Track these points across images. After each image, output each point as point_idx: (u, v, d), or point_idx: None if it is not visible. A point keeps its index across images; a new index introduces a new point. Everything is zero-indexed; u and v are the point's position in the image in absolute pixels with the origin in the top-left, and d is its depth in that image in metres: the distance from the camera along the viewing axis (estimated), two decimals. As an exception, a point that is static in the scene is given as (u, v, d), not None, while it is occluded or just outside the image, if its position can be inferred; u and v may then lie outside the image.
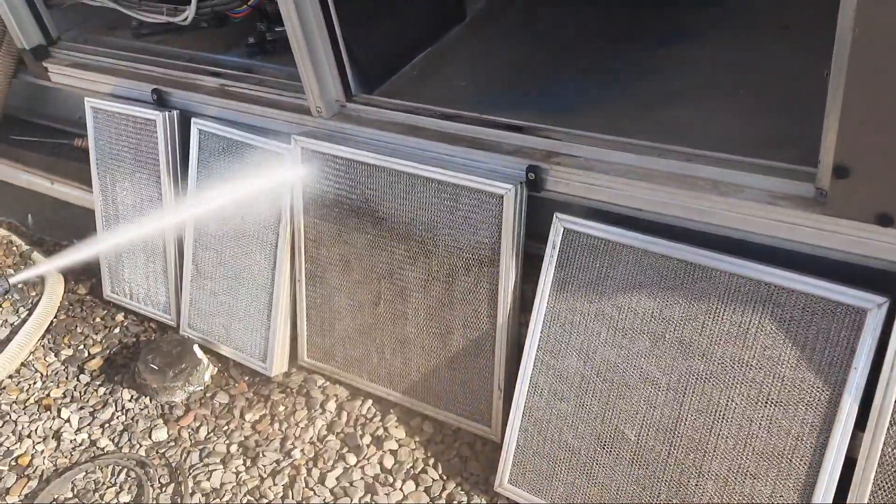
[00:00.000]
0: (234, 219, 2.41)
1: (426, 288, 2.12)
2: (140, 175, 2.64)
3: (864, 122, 1.38)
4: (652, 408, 1.76)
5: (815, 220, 1.56)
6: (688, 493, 1.72)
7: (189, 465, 2.22)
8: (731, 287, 1.65)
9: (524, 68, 2.40)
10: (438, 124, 2.09)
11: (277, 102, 2.34)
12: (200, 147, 2.47)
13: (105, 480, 2.21)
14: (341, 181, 2.18)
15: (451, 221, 2.02)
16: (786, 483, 1.61)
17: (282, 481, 2.15)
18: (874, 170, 1.42)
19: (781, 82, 2.04)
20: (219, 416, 2.38)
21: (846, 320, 1.53)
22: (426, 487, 2.08)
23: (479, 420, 2.15)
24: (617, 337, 1.80)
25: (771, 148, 1.73)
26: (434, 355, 2.17)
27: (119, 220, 2.76)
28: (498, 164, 1.96)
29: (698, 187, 1.71)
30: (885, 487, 1.52)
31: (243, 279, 2.45)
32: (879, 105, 1.35)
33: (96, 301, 2.92)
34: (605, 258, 1.81)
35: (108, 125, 2.69)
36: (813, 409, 1.57)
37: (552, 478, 1.91)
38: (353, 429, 2.27)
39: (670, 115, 2.00)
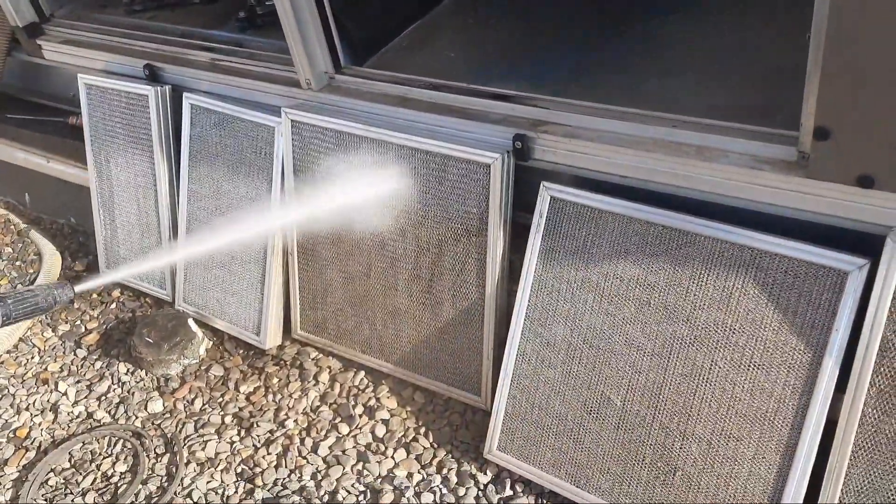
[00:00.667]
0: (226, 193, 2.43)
1: (416, 259, 2.14)
2: (133, 151, 2.65)
3: (842, 84, 1.38)
4: (637, 373, 1.78)
5: (797, 184, 1.57)
6: (672, 456, 1.74)
7: (184, 436, 2.25)
8: (714, 252, 1.66)
9: (513, 40, 2.40)
10: (427, 95, 2.09)
11: (268, 76, 2.35)
12: (193, 122, 2.48)
13: (101, 451, 2.24)
14: (331, 153, 2.19)
15: (440, 192, 2.03)
16: (768, 445, 1.63)
17: (275, 450, 2.17)
18: (853, 131, 1.43)
19: (768, 51, 2.04)
20: (213, 389, 2.41)
21: (828, 283, 1.54)
22: (417, 455, 2.11)
23: (470, 389, 2.17)
24: (603, 304, 1.82)
25: (756, 114, 1.73)
26: (425, 326, 2.19)
27: (114, 196, 2.77)
28: (486, 134, 1.97)
29: (683, 153, 1.72)
30: (866, 448, 1.54)
31: (236, 253, 2.47)
32: (857, 67, 1.35)
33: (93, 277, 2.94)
34: (591, 226, 1.82)
35: (101, 102, 2.70)
36: (795, 372, 1.59)
37: (540, 443, 1.93)
38: (346, 399, 2.30)
39: (658, 84, 2.01)
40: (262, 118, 2.30)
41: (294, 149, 2.25)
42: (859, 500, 1.56)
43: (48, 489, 2.14)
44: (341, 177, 2.17)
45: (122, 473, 2.17)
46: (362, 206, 2.16)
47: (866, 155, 1.44)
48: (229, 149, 2.41)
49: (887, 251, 1.47)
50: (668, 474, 1.76)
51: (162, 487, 2.11)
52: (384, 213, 2.14)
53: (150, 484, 2.12)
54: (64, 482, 2.15)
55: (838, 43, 1.34)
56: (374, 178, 2.12)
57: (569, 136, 1.86)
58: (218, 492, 2.08)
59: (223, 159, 2.43)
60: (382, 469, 2.08)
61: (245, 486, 2.09)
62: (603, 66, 2.16)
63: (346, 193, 2.16)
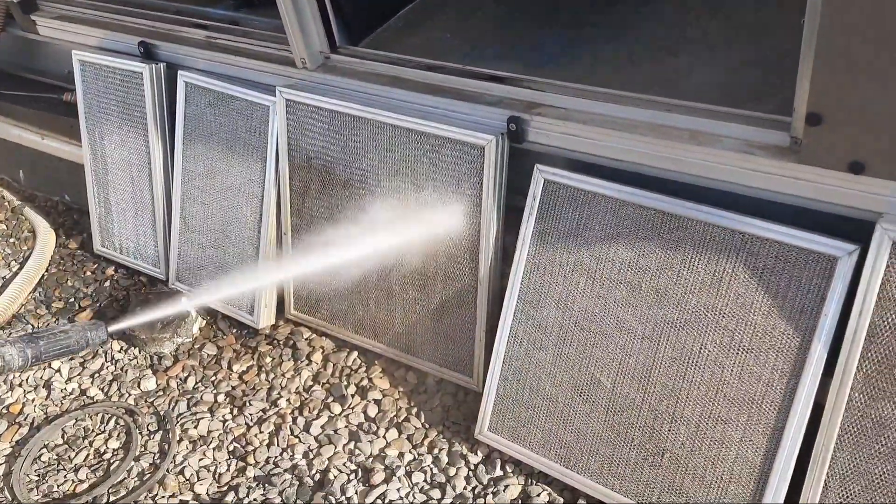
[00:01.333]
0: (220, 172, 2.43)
1: (409, 239, 2.14)
2: (128, 129, 2.65)
3: (835, 69, 1.38)
4: (627, 356, 1.79)
5: (789, 169, 1.57)
6: (661, 438, 1.76)
7: (177, 414, 2.26)
8: (705, 236, 1.66)
9: (509, 22, 2.39)
10: (422, 75, 2.09)
11: (263, 55, 2.34)
12: (187, 100, 2.48)
13: (94, 427, 2.25)
14: (326, 133, 2.19)
15: (434, 173, 2.03)
16: (756, 428, 1.64)
17: (268, 429, 2.19)
18: (846, 117, 1.43)
19: (764, 35, 2.03)
20: (206, 367, 2.42)
21: (817, 268, 1.55)
22: (408, 435, 2.12)
23: (462, 370, 2.18)
24: (595, 287, 1.82)
25: (750, 99, 1.73)
26: (418, 307, 2.20)
27: (108, 174, 2.77)
28: (480, 116, 1.97)
29: (676, 137, 1.72)
30: (852, 431, 1.55)
31: (230, 232, 2.47)
32: (851, 53, 1.35)
33: (87, 255, 2.95)
34: (584, 209, 1.82)
35: (95, 79, 2.69)
36: (783, 356, 1.60)
37: (530, 425, 1.95)
38: (339, 379, 2.31)
39: (653, 67, 2.01)
40: (256, 97, 2.30)
41: (289, 128, 2.24)
42: (844, 483, 1.57)
43: (41, 465, 2.15)
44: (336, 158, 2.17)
45: (115, 450, 2.18)
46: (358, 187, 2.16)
47: (858, 141, 1.45)
48: (224, 127, 2.40)
49: (876, 237, 1.48)
50: (656, 456, 1.77)
51: (154, 464, 2.12)
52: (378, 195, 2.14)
53: (143, 461, 2.13)
54: (57, 458, 2.17)
55: (832, 28, 1.34)
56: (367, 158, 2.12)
57: (563, 119, 1.86)
58: (210, 469, 2.10)
59: (218, 138, 2.42)
60: (374, 448, 2.10)
61: (237, 463, 2.10)
62: (598, 48, 2.16)
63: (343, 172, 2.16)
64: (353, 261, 2.25)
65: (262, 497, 2.00)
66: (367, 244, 2.21)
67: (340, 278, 2.30)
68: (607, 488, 1.84)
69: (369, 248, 2.21)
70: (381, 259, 2.19)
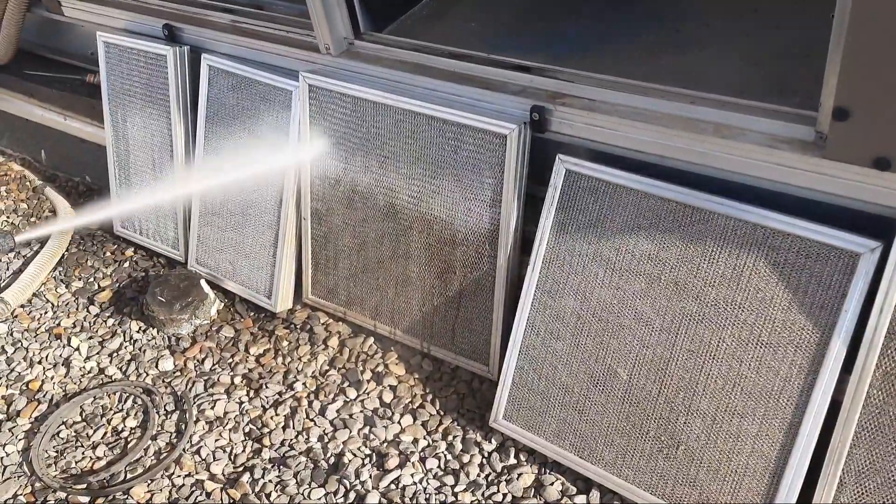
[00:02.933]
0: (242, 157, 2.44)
1: (429, 228, 2.15)
2: (150, 111, 2.66)
3: (865, 64, 1.38)
4: (645, 347, 1.79)
5: (814, 164, 1.57)
6: (676, 431, 1.76)
7: (194, 395, 2.29)
8: (727, 230, 1.66)
9: (534, 11, 2.39)
10: (446, 63, 2.09)
11: (287, 39, 2.35)
12: (210, 83, 2.49)
13: (112, 406, 2.28)
14: (348, 119, 2.19)
15: (456, 161, 2.04)
16: (772, 422, 1.64)
17: (283, 412, 2.21)
18: (873, 113, 1.42)
19: (789, 28, 2.02)
20: (224, 349, 2.43)
21: (839, 264, 1.55)
22: (423, 422, 2.14)
23: (478, 359, 2.19)
24: (614, 278, 1.83)
25: (775, 92, 1.73)
26: (435, 295, 2.20)
27: (129, 156, 2.79)
28: (503, 105, 1.97)
29: (701, 130, 1.72)
30: (869, 429, 1.55)
31: (250, 216, 2.49)
32: (881, 48, 1.35)
33: (106, 236, 2.97)
34: (605, 200, 1.82)
35: (119, 60, 2.71)
36: (802, 351, 1.60)
37: (545, 414, 1.96)
38: (355, 364, 2.33)
39: (677, 59, 2.00)
40: (279, 82, 2.31)
41: (311, 113, 2.25)
42: (860, 480, 1.57)
43: (59, 441, 2.18)
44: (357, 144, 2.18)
45: (133, 429, 2.20)
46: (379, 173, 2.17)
47: (884, 137, 1.44)
48: (246, 111, 2.41)
49: (901, 234, 1.47)
50: (671, 448, 1.78)
51: (171, 444, 2.14)
52: (398, 180, 2.15)
53: (160, 440, 2.16)
54: (75, 435, 2.19)
55: (862, 23, 1.34)
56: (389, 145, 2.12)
57: (586, 110, 1.86)
58: (226, 450, 2.12)
59: (240, 122, 2.44)
60: (389, 434, 2.11)
61: (253, 445, 2.12)
62: (623, 39, 2.15)
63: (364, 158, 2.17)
64: (370, 248, 2.26)
65: (277, 479, 2.01)
66: (386, 231, 2.22)
67: (359, 263, 2.32)
68: (621, 479, 1.85)
69: (388, 234, 2.22)
70: (400, 245, 2.20)
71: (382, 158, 2.17)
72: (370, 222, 2.26)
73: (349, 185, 2.26)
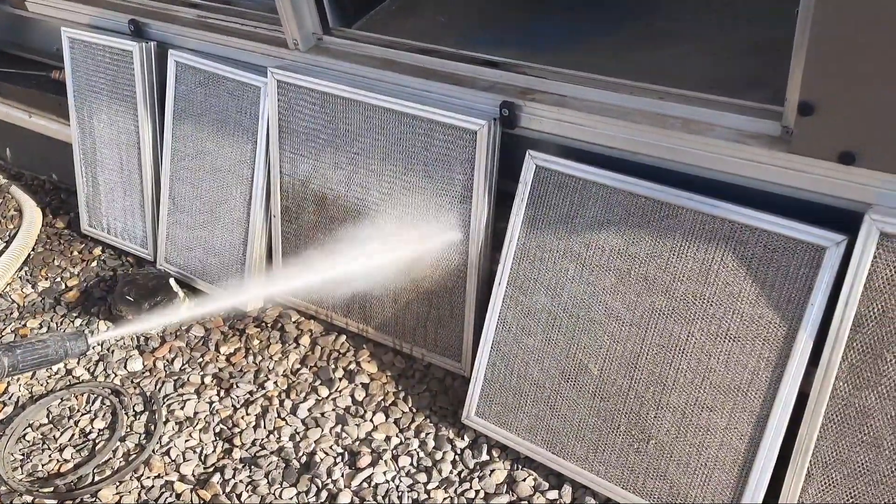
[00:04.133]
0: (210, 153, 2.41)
1: (400, 224, 2.13)
2: (117, 108, 2.62)
3: (829, 60, 1.39)
4: (615, 343, 1.80)
5: (780, 159, 1.58)
6: (647, 425, 1.77)
7: (163, 395, 2.26)
8: (695, 225, 1.67)
9: (505, 7, 2.38)
10: (415, 59, 2.08)
11: (255, 35, 2.32)
12: (178, 79, 2.45)
13: (80, 407, 2.24)
14: (317, 115, 2.17)
15: (426, 157, 2.03)
16: (741, 415, 1.66)
17: (254, 411, 2.18)
18: (837, 107, 1.43)
19: (760, 24, 2.04)
20: (194, 349, 2.41)
21: (805, 258, 1.56)
22: (396, 419, 2.12)
23: (450, 355, 2.19)
24: (584, 273, 1.83)
25: (743, 88, 1.74)
26: (407, 291, 2.19)
27: (96, 153, 2.74)
28: (473, 101, 1.97)
29: (669, 125, 1.72)
30: (835, 420, 1.57)
31: (219, 214, 2.46)
32: (844, 43, 1.36)
33: (74, 235, 2.92)
34: (575, 196, 1.82)
35: (85, 56, 2.66)
36: (770, 345, 1.61)
37: (517, 410, 1.96)
38: (326, 363, 2.31)
39: (648, 55, 2.01)
40: (248, 78, 2.28)
41: (280, 109, 2.23)
42: (827, 471, 1.59)
43: (25, 444, 2.14)
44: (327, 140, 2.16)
45: (101, 430, 2.17)
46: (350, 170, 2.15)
47: (849, 132, 1.45)
48: (214, 108, 2.38)
49: (864, 228, 1.48)
50: (641, 442, 1.78)
51: (140, 445, 2.12)
52: (368, 176, 2.13)
53: (128, 441, 2.12)
54: (41, 437, 2.15)
55: (825, 18, 1.35)
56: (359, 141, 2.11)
57: (556, 105, 1.86)
58: (196, 450, 2.09)
59: (208, 118, 2.40)
60: (361, 432, 2.10)
61: (223, 445, 2.10)
62: (594, 35, 2.16)
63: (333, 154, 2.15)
64: (342, 244, 2.24)
65: (248, 479, 1.99)
66: (357, 228, 2.20)
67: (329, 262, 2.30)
68: (593, 473, 1.85)
69: (359, 232, 2.20)
70: (371, 242, 2.19)
71: (352, 155, 2.15)
72: (341, 219, 2.24)
73: (319, 182, 2.24)
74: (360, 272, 2.24)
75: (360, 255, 2.22)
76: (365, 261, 2.22)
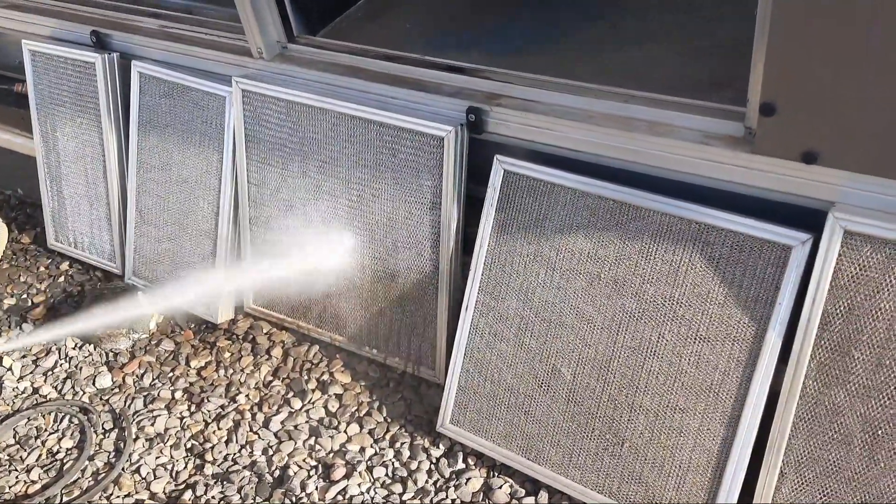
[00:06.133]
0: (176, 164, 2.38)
1: (370, 232, 2.12)
2: (81, 120, 2.58)
3: (788, 60, 1.40)
4: (587, 346, 1.79)
5: (744, 159, 1.59)
6: (620, 428, 1.76)
7: (133, 411, 2.22)
8: (662, 226, 1.67)
9: (471, 12, 2.38)
10: (381, 65, 2.07)
11: (219, 44, 2.30)
12: (141, 90, 2.42)
13: (47, 427, 2.20)
14: (283, 124, 2.15)
15: (394, 164, 2.01)
16: (713, 416, 1.66)
17: (226, 425, 2.15)
18: (798, 108, 1.44)
19: (724, 26, 2.05)
20: (164, 363, 2.37)
21: (772, 257, 1.56)
22: (370, 430, 2.10)
23: (424, 363, 2.17)
24: (554, 277, 1.82)
25: (707, 90, 1.74)
26: (379, 300, 2.17)
27: (61, 167, 2.70)
28: (440, 106, 1.96)
29: (634, 128, 1.72)
30: (806, 419, 1.57)
31: (187, 225, 2.42)
32: (802, 44, 1.36)
33: (40, 250, 2.87)
34: (543, 200, 1.82)
35: (47, 69, 2.62)
36: (739, 345, 1.61)
37: (492, 417, 1.94)
38: (299, 374, 2.28)
39: (614, 58, 2.01)
40: (212, 87, 2.25)
41: (245, 119, 2.20)
42: (799, 470, 1.59)
43: (-8, 465, 2.09)
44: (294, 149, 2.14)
45: (69, 449, 2.13)
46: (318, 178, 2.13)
47: (810, 131, 1.46)
48: (179, 118, 2.35)
49: (828, 227, 1.49)
50: (615, 446, 1.78)
51: (109, 463, 2.08)
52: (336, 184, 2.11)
53: (97, 460, 2.08)
54: (8, 458, 2.11)
55: (783, 20, 1.35)
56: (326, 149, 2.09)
57: (522, 110, 1.85)
58: (167, 467, 2.06)
59: (173, 129, 2.37)
60: (335, 444, 2.07)
61: (195, 461, 2.07)
62: (561, 37, 2.15)
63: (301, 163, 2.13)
64: (312, 254, 2.22)
65: (220, 495, 1.96)
66: (327, 237, 2.18)
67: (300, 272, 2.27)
68: (568, 479, 1.84)
69: (329, 240, 2.18)
70: (342, 251, 2.17)
71: (320, 163, 2.13)
72: (310, 228, 2.22)
73: (288, 191, 2.22)
74: (331, 281, 2.23)
75: (331, 263, 2.21)
76: (336, 269, 2.21)
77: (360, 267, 2.17)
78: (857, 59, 1.34)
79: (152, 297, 2.46)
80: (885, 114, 1.37)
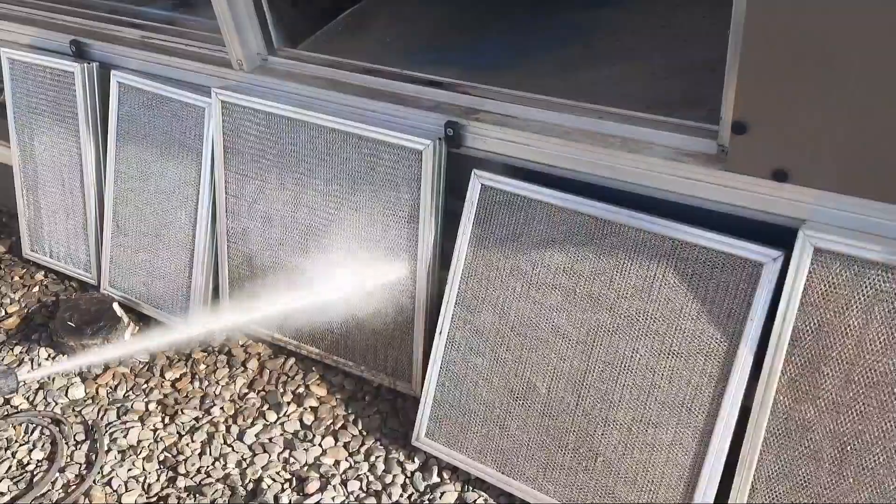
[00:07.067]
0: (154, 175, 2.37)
1: (348, 246, 2.12)
2: (59, 129, 2.57)
3: (760, 79, 1.42)
4: (562, 360, 1.80)
5: (716, 176, 1.60)
6: (594, 443, 1.77)
7: (106, 423, 2.19)
8: (637, 242, 1.68)
9: (450, 27, 2.40)
10: (360, 79, 2.07)
11: (199, 55, 2.30)
12: (121, 100, 2.41)
13: (18, 438, 2.17)
14: (262, 136, 2.15)
15: (373, 178, 2.02)
16: (686, 431, 1.67)
17: (200, 438, 2.13)
18: (770, 126, 1.46)
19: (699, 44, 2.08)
20: (138, 375, 2.35)
21: (744, 274, 1.58)
22: (345, 443, 2.09)
23: (400, 377, 2.17)
24: (531, 292, 1.83)
25: (680, 107, 1.76)
26: (356, 312, 2.17)
27: (38, 176, 2.68)
28: (418, 120, 1.96)
29: (609, 144, 1.74)
30: (777, 434, 1.59)
31: (164, 236, 2.41)
32: (774, 63, 1.39)
33: (15, 260, 2.85)
34: (520, 215, 1.83)
35: (25, 78, 2.60)
36: (712, 360, 1.63)
37: (467, 430, 1.94)
38: (275, 386, 2.27)
39: (590, 75, 2.03)
40: (192, 98, 2.25)
41: (224, 130, 2.20)
42: (770, 485, 1.60)
43: (-41, 477, 2.06)
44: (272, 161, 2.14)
45: (39, 461, 2.10)
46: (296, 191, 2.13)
47: (781, 150, 1.48)
48: (158, 129, 2.35)
49: (799, 244, 1.51)
50: (589, 460, 1.78)
51: (80, 476, 2.05)
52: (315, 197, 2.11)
53: (68, 472, 2.06)
54: (-23, 470, 2.08)
55: (755, 39, 1.38)
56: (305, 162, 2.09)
57: (499, 125, 1.86)
58: (139, 480, 2.03)
59: (152, 139, 2.37)
60: (309, 457, 2.06)
61: (167, 473, 2.05)
62: (537, 55, 2.17)
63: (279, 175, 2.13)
64: (290, 266, 2.22)
65: (192, 508, 1.95)
66: (305, 250, 2.18)
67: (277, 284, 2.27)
68: (543, 493, 1.85)
69: (307, 253, 2.18)
70: (319, 263, 2.17)
71: (299, 175, 2.13)
72: (288, 240, 2.22)
73: (266, 203, 2.22)
74: (307, 294, 2.22)
75: (308, 276, 2.20)
76: (313, 282, 2.20)
77: (337, 280, 2.16)
78: (827, 80, 1.36)
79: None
80: (854, 134, 1.40)
